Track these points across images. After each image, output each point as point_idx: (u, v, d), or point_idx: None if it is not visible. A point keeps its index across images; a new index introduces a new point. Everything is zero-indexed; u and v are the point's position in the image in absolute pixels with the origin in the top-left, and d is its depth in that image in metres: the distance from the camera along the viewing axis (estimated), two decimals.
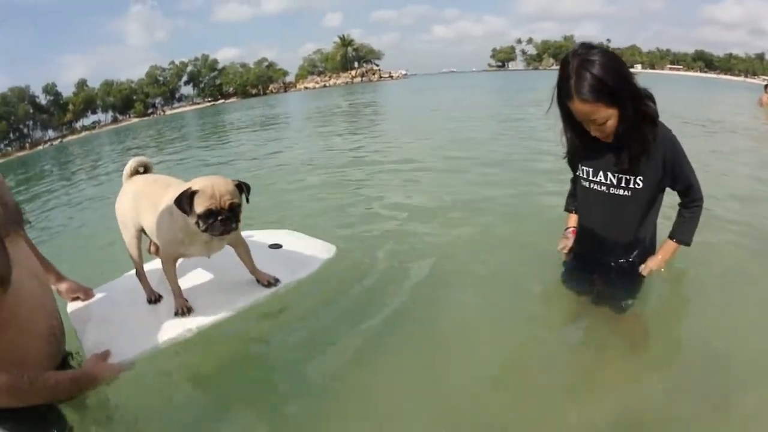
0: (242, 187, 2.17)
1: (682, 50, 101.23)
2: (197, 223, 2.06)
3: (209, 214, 2.05)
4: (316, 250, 2.87)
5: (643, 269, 2.48)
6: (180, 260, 2.57)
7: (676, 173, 2.27)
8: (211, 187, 2.05)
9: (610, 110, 2.09)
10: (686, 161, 2.27)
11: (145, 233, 2.50)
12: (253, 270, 2.51)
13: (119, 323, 2.33)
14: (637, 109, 2.13)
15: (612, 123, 2.14)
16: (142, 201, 2.41)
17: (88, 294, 2.58)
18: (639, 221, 2.42)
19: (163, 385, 2.50)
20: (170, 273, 2.34)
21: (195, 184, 2.07)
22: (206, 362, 2.65)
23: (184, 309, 2.32)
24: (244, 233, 2.95)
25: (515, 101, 19.42)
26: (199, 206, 2.04)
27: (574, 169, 2.55)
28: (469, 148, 8.41)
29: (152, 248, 2.86)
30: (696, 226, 2.41)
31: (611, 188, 2.37)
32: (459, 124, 12.59)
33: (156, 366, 2.43)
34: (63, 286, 2.47)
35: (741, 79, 63.39)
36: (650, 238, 2.53)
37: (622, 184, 2.33)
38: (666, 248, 2.47)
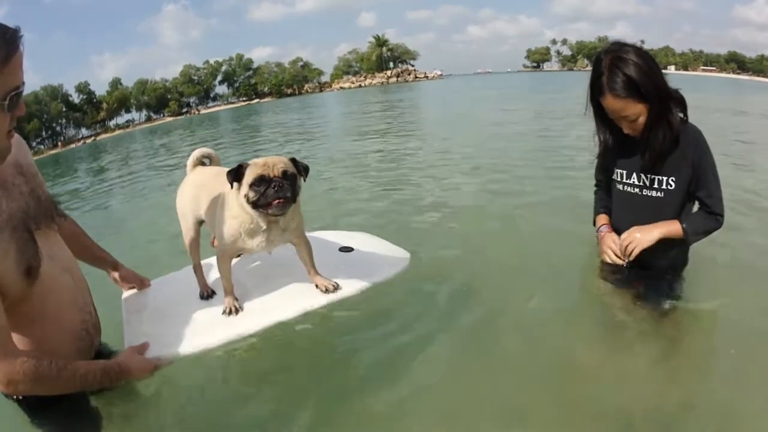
0: (298, 164, 2.06)
1: (715, 51, 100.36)
2: (247, 196, 1.97)
3: (260, 181, 1.94)
4: (388, 257, 2.68)
5: (624, 238, 2.45)
6: (239, 258, 2.59)
7: (700, 175, 2.27)
8: (263, 159, 1.99)
9: (640, 105, 2.13)
10: (711, 166, 2.27)
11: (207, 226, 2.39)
12: (313, 273, 2.33)
13: (166, 317, 2.26)
14: (665, 107, 2.16)
15: (642, 119, 2.18)
16: (202, 193, 2.34)
17: (143, 284, 2.54)
18: None
19: (199, 385, 2.46)
20: (224, 269, 2.23)
21: (260, 159, 2.00)
22: (248, 365, 2.60)
23: (232, 308, 2.21)
24: (318, 233, 3.00)
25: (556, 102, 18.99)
26: (250, 175, 1.95)
27: (609, 173, 2.56)
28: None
29: (215, 242, 2.61)
30: (706, 231, 2.37)
31: (644, 190, 2.39)
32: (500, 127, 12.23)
33: (198, 364, 2.40)
34: (118, 275, 2.45)
35: None
36: None
37: (655, 185, 2.35)
38: (668, 225, 2.36)
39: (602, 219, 2.68)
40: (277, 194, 1.95)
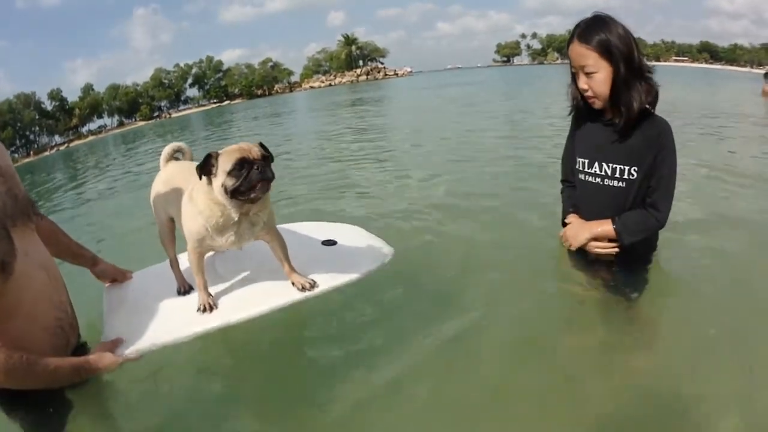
0: (266, 148, 1.99)
1: (687, 42, 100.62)
2: (225, 186, 1.90)
3: (242, 165, 1.87)
4: (371, 251, 2.63)
5: (562, 235, 2.56)
6: (213, 253, 2.56)
7: (656, 168, 2.23)
8: (236, 146, 1.92)
9: (602, 62, 2.13)
10: (670, 162, 2.23)
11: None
12: (288, 270, 2.28)
13: (143, 311, 2.26)
14: (632, 78, 2.13)
15: (601, 78, 2.16)
16: (169, 189, 2.32)
17: (125, 276, 2.57)
18: None
19: (172, 377, 2.48)
20: (195, 265, 2.19)
21: (232, 146, 1.94)
22: (221, 359, 2.65)
23: (206, 305, 2.19)
24: (302, 224, 3.02)
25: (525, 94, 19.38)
26: (227, 162, 1.88)
27: (572, 162, 2.53)
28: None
29: None
30: (643, 231, 2.33)
31: (605, 179, 2.35)
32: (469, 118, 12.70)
33: (171, 358, 2.46)
34: (98, 270, 2.49)
35: (746, 69, 62.88)
36: None
37: (617, 175, 2.31)
38: (601, 225, 2.39)
39: (573, 219, 2.57)
40: (261, 175, 1.89)
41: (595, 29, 2.11)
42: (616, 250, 2.38)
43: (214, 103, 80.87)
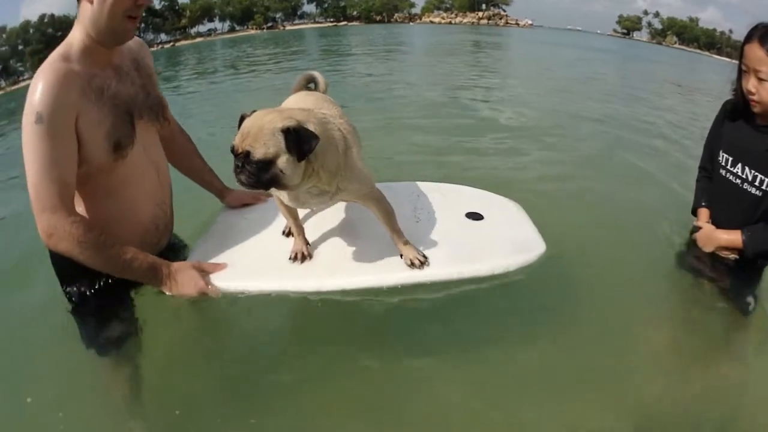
0: (290, 134, 1.61)
1: None
2: None
3: (232, 151, 1.67)
4: (519, 241, 2.23)
5: (697, 237, 2.56)
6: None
7: None
8: (251, 123, 1.65)
9: None
10: None
11: None
12: (397, 240, 2.04)
13: (241, 246, 2.19)
14: None
15: None
16: None
17: (259, 199, 2.59)
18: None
19: (235, 323, 2.43)
20: (282, 210, 2.10)
21: (260, 111, 1.70)
22: (301, 324, 2.52)
23: (298, 254, 2.05)
24: (448, 185, 2.76)
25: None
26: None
27: (715, 152, 2.53)
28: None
29: None
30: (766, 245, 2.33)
31: (744, 183, 2.35)
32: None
33: (248, 305, 2.25)
34: (229, 199, 2.58)
35: None
36: None
37: (756, 183, 2.30)
38: (731, 234, 2.40)
39: (704, 215, 2.64)
40: (235, 173, 1.67)
41: None
42: (737, 256, 2.42)
43: (331, 21, 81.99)
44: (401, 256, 2.03)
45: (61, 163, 1.71)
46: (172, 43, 67.04)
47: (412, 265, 1.98)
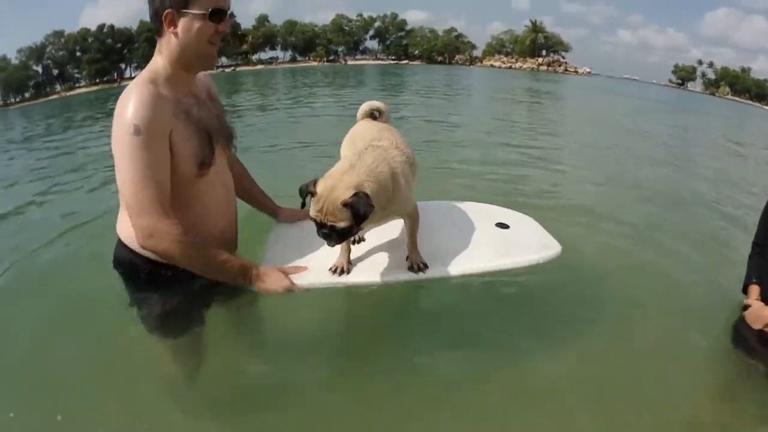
0: (351, 208, 1.96)
1: None
2: None
3: (315, 223, 2.03)
4: (539, 242, 2.60)
5: (747, 315, 2.52)
6: None
7: None
8: (323, 198, 1.97)
9: None
10: None
11: None
12: (410, 247, 2.37)
13: (305, 250, 2.43)
14: None
15: None
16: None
17: (308, 215, 2.63)
18: None
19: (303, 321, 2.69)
20: None
21: (322, 181, 2.00)
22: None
23: (338, 268, 2.29)
24: (479, 204, 3.06)
25: None
26: (311, 210, 2.02)
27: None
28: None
29: None
30: None
31: None
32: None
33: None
34: (283, 217, 2.76)
35: None
36: None
37: None
38: None
39: (754, 292, 2.59)
40: (325, 239, 2.04)
41: None
42: None
43: (392, 59, 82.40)
44: (407, 258, 2.36)
45: (159, 169, 1.87)
46: (233, 68, 68.72)
47: (412, 268, 2.31)
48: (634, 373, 2.55)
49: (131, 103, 1.84)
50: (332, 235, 2.00)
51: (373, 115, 2.79)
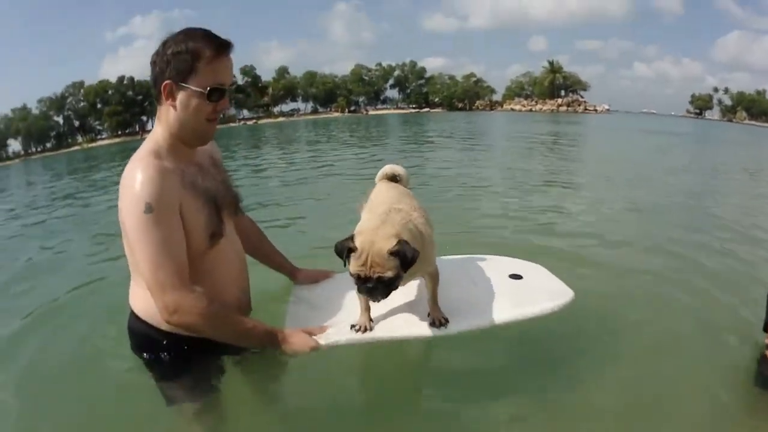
0: (399, 255, 1.98)
1: None
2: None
3: (358, 278, 2.01)
4: (551, 291, 2.55)
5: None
6: None
7: None
8: (365, 251, 1.96)
9: None
10: None
11: None
12: (432, 303, 2.33)
13: (327, 309, 2.45)
14: None
15: None
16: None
17: (327, 275, 2.77)
18: None
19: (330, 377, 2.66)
20: (360, 295, 2.26)
21: (359, 236, 2.01)
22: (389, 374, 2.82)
23: (361, 327, 2.26)
24: (491, 256, 3.05)
25: None
26: (352, 266, 2.01)
27: None
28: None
29: None
30: None
31: None
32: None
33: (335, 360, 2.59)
34: (301, 278, 2.73)
35: None
36: None
37: None
38: None
39: None
40: (369, 295, 2.03)
41: None
42: None
43: (413, 108, 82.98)
44: (428, 315, 2.33)
45: (174, 244, 1.86)
46: (254, 120, 70.12)
47: (434, 324, 2.29)
48: (657, 416, 2.54)
49: (139, 178, 1.83)
50: (378, 287, 1.99)
51: (393, 177, 2.82)
